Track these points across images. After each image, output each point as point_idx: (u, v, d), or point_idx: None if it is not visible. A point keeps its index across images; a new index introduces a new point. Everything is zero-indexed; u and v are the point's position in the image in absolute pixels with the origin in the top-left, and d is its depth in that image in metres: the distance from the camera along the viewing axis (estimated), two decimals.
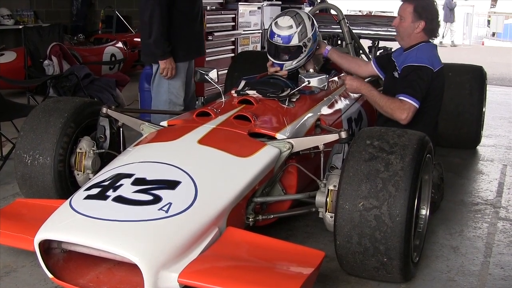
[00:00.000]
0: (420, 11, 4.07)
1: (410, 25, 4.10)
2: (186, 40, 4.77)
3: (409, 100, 3.81)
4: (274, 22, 4.13)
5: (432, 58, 3.99)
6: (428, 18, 4.07)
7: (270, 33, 4.12)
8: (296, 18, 4.10)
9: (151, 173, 2.87)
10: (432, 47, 4.12)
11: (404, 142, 2.93)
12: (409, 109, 3.79)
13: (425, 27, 4.07)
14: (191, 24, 4.82)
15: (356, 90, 4.08)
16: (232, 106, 3.71)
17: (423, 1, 4.13)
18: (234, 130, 3.37)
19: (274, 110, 3.73)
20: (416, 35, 4.10)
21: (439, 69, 3.99)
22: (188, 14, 4.77)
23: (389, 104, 3.88)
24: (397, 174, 2.80)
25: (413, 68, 3.93)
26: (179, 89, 4.80)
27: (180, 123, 3.59)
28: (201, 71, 3.95)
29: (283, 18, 4.11)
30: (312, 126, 3.78)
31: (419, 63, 3.93)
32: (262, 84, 3.96)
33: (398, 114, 3.81)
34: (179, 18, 4.68)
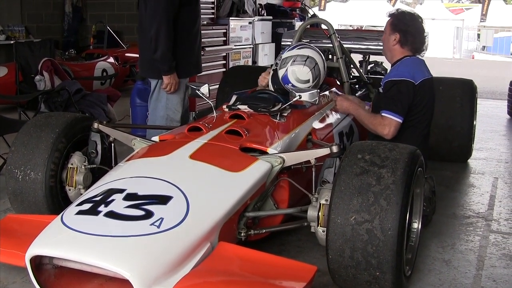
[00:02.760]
0: (395, 23, 4.17)
1: (388, 38, 4.20)
2: (187, 57, 4.80)
3: (389, 115, 3.92)
4: (291, 69, 4.16)
5: (414, 71, 4.03)
6: (402, 30, 4.14)
7: (283, 78, 4.17)
8: (315, 71, 4.19)
9: (143, 188, 2.87)
10: (416, 60, 4.16)
11: (395, 155, 2.94)
12: (389, 124, 3.90)
13: (400, 39, 4.13)
14: (192, 41, 4.85)
15: (345, 110, 4.27)
16: (224, 121, 3.71)
17: (401, 14, 4.21)
18: (225, 145, 3.38)
19: (266, 125, 3.74)
20: (394, 49, 4.18)
21: (422, 82, 4.02)
22: (190, 31, 4.80)
23: (371, 120, 4.03)
24: (388, 188, 2.80)
25: (393, 83, 4.00)
26: (177, 105, 4.82)
27: (171, 138, 3.59)
28: (193, 86, 3.96)
29: (302, 68, 4.16)
30: (304, 140, 3.79)
31: (399, 77, 4.00)
32: (253, 99, 3.97)
33: (380, 130, 3.95)
34: (181, 34, 4.71)
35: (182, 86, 4.80)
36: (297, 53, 4.20)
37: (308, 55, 4.19)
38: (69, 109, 6.51)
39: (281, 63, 4.21)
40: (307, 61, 4.16)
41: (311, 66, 4.17)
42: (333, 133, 4.25)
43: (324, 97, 4.50)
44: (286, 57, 4.21)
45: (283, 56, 4.23)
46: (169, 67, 4.64)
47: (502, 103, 9.47)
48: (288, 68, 4.16)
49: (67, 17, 11.57)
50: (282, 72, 4.17)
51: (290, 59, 4.18)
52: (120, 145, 3.84)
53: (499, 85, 12.21)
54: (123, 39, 10.92)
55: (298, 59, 4.17)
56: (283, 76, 4.16)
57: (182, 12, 4.68)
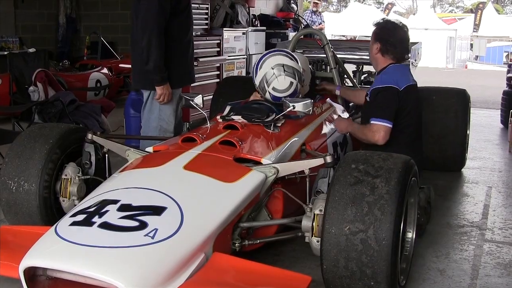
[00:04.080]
0: (377, 32, 4.32)
1: (372, 48, 4.34)
2: (180, 67, 4.80)
3: (377, 122, 4.03)
4: (271, 89, 4.11)
5: (397, 78, 4.15)
6: (383, 39, 4.26)
7: (272, 97, 4.13)
8: (290, 70, 4.13)
9: (137, 199, 2.87)
10: (399, 68, 4.29)
11: (389, 165, 2.95)
12: (379, 130, 4.00)
13: (381, 48, 4.26)
14: (184, 51, 4.86)
15: (345, 130, 4.42)
16: (218, 132, 3.72)
17: (384, 23, 4.36)
18: (219, 156, 3.38)
19: (260, 135, 3.75)
20: (377, 57, 4.32)
21: (407, 87, 4.14)
22: (182, 41, 4.81)
23: (362, 130, 4.16)
24: (382, 198, 2.81)
25: (378, 91, 4.12)
26: (170, 115, 4.81)
27: (165, 148, 3.59)
28: (186, 96, 3.96)
29: (278, 80, 4.09)
30: (298, 151, 3.80)
31: (383, 84, 4.11)
32: (247, 109, 3.98)
33: (370, 137, 4.05)
34: (174, 44, 4.71)
35: (175, 97, 4.80)
36: (263, 72, 4.13)
37: (271, 66, 4.13)
38: (63, 120, 6.51)
39: (261, 90, 4.16)
40: (275, 71, 4.11)
41: (281, 72, 4.11)
42: (327, 143, 4.26)
43: (318, 107, 4.52)
44: (259, 83, 4.15)
45: (256, 82, 4.18)
46: (161, 77, 4.64)
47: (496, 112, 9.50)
48: (269, 90, 4.13)
49: (61, 28, 11.57)
50: (268, 96, 4.16)
51: (263, 83, 4.12)
52: (114, 156, 3.83)
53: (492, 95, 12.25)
54: (117, 50, 10.93)
55: (268, 76, 4.11)
56: (272, 98, 4.14)
57: (173, 23, 4.68)
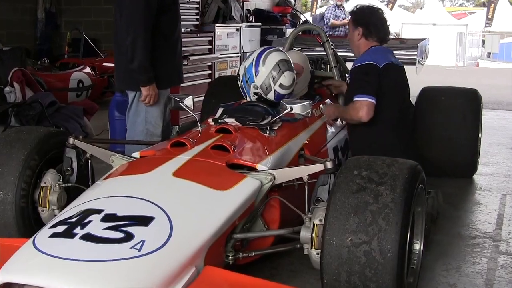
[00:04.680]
0: (356, 18, 4.60)
1: (352, 35, 4.61)
2: (167, 66, 4.81)
3: (359, 98, 4.22)
4: (278, 86, 4.13)
5: (377, 57, 4.39)
6: (364, 24, 4.54)
7: (276, 96, 4.14)
8: (291, 66, 4.22)
9: (122, 208, 2.87)
10: (379, 49, 4.55)
11: (394, 171, 2.96)
12: (361, 105, 4.19)
13: (363, 32, 4.53)
14: (172, 49, 4.87)
15: (333, 115, 4.56)
16: (209, 136, 3.73)
17: (359, 9, 4.65)
18: (211, 161, 3.39)
19: (255, 139, 3.77)
20: (360, 43, 4.57)
21: (386, 65, 4.37)
22: (169, 38, 4.82)
23: (346, 110, 4.36)
24: (387, 207, 2.82)
25: (357, 69, 4.37)
26: (157, 118, 4.82)
27: (153, 154, 3.60)
28: (176, 98, 3.97)
29: (285, 75, 4.13)
30: (296, 156, 3.81)
31: (361, 62, 4.36)
32: (241, 112, 3.99)
33: (354, 115, 4.24)
34: (160, 42, 4.72)
35: (162, 98, 4.81)
36: (268, 69, 4.14)
37: (276, 62, 4.17)
38: (42, 123, 6.50)
39: (263, 90, 4.16)
40: (281, 67, 4.15)
41: (287, 68, 4.17)
42: (327, 148, 4.27)
43: (317, 109, 4.53)
44: (262, 82, 4.15)
45: (257, 84, 4.16)
46: (147, 77, 4.64)
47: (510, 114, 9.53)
48: (274, 88, 4.14)
49: (40, 24, 11.56)
50: (271, 96, 4.15)
51: (269, 80, 4.14)
52: (97, 162, 3.84)
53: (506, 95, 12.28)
54: (101, 47, 10.94)
55: (275, 73, 4.13)
56: (276, 96, 4.15)
57: (160, 19, 4.69)
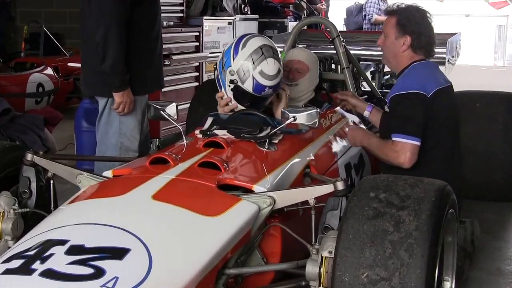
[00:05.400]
0: (404, 23, 4.29)
1: (394, 43, 4.33)
2: (145, 67, 4.83)
3: (400, 139, 4.04)
4: (257, 72, 4.14)
5: (424, 80, 4.17)
6: (415, 32, 4.28)
7: (255, 88, 4.16)
8: (278, 56, 4.23)
9: (92, 238, 2.87)
10: (426, 66, 4.32)
11: (418, 193, 2.96)
12: (402, 149, 4.01)
13: (412, 43, 4.27)
14: (151, 47, 4.89)
15: (359, 143, 4.41)
16: (196, 151, 3.74)
17: (408, 11, 4.36)
18: (199, 182, 3.39)
19: (251, 155, 3.78)
20: (403, 55, 4.32)
21: (437, 92, 4.16)
22: (148, 34, 4.84)
23: (382, 148, 4.17)
24: (410, 236, 2.81)
25: (399, 98, 4.14)
26: (134, 130, 4.83)
27: (128, 173, 3.60)
28: (155, 105, 3.98)
29: (268, 62, 4.14)
30: (300, 175, 3.82)
31: (406, 90, 4.12)
32: (234, 122, 4.00)
33: (393, 158, 4.07)
34: (136, 38, 4.74)
35: (139, 106, 4.82)
36: (248, 52, 4.16)
37: (259, 45, 4.19)
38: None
39: (240, 76, 4.18)
40: (265, 52, 4.17)
41: (272, 55, 4.18)
42: (338, 165, 4.28)
43: (326, 118, 4.55)
44: (239, 68, 4.16)
45: (233, 68, 4.18)
46: (121, 81, 4.65)
47: None
48: (254, 74, 4.14)
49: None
50: (249, 84, 4.16)
51: (247, 64, 4.15)
52: (61, 182, 3.84)
53: None
54: (65, 44, 10.97)
55: (256, 56, 4.15)
56: (254, 87, 4.16)
57: (136, 11, 4.71)
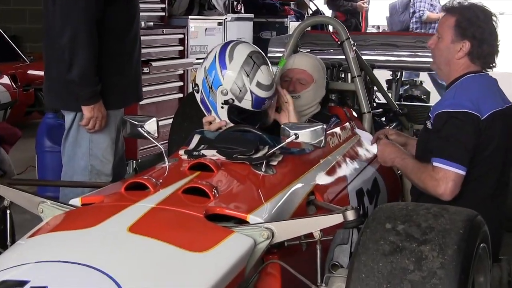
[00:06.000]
0: (465, 25, 4.16)
1: (449, 47, 4.21)
2: (121, 76, 4.82)
3: (443, 165, 3.94)
4: (254, 85, 4.17)
5: (480, 98, 4.06)
6: (476, 38, 4.14)
7: (255, 104, 4.20)
8: (265, 58, 4.29)
9: (56, 279, 2.86)
10: (483, 80, 4.21)
11: (443, 225, 2.96)
12: (444, 178, 3.92)
13: (471, 51, 4.15)
14: (127, 52, 4.91)
15: (390, 162, 4.37)
16: (181, 175, 3.74)
17: (472, 12, 4.21)
18: (183, 211, 3.39)
19: (245, 180, 3.78)
20: (458, 63, 4.20)
21: (493, 114, 4.06)
22: (123, 37, 4.85)
23: (419, 174, 4.08)
24: (435, 275, 2.82)
25: (447, 117, 4.04)
26: (106, 150, 4.82)
27: (100, 201, 3.59)
28: (133, 121, 3.98)
29: (262, 70, 4.20)
30: (303, 202, 3.81)
31: (456, 107, 4.03)
32: (225, 140, 4.00)
33: (432, 187, 3.98)
34: (110, 42, 4.75)
35: (112, 122, 4.81)
36: (239, 64, 4.20)
37: (247, 53, 4.23)
38: None
39: (235, 94, 4.19)
40: (255, 60, 4.21)
41: (263, 61, 4.24)
42: (348, 192, 4.28)
43: (333, 136, 4.55)
44: (232, 85, 4.18)
45: (225, 87, 4.19)
46: (91, 92, 4.64)
47: None
48: (251, 89, 4.18)
49: None
50: (248, 101, 4.20)
51: (241, 79, 4.17)
52: (20, 211, 3.83)
53: None
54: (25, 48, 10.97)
55: (248, 67, 4.19)
56: (254, 102, 4.17)
57: (110, 9, 4.71)
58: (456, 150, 3.96)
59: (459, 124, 4.00)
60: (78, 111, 4.74)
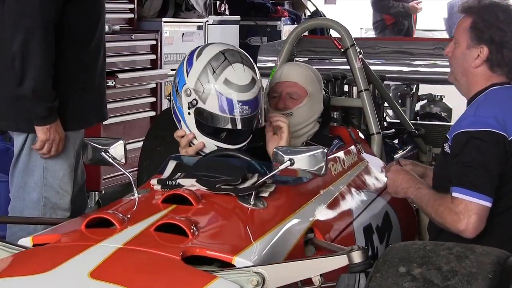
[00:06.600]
0: (481, 27, 4.18)
1: (465, 54, 4.24)
2: (81, 91, 4.81)
3: (465, 196, 3.94)
4: (222, 80, 4.14)
5: (505, 115, 4.07)
6: (495, 42, 4.17)
7: (221, 102, 4.14)
8: (249, 62, 4.27)
9: None
10: (510, 92, 4.22)
11: (469, 268, 2.97)
12: (466, 211, 3.91)
13: (489, 57, 4.17)
14: (89, 63, 4.90)
15: (402, 193, 4.34)
16: (153, 209, 3.73)
17: (491, 11, 4.23)
18: (156, 252, 3.38)
19: (230, 215, 3.78)
20: (475, 73, 4.23)
21: None
22: (85, 45, 4.86)
23: (436, 206, 4.07)
24: None
25: (468, 138, 4.04)
26: (64, 180, 4.82)
27: (56, 240, 3.59)
28: (95, 144, 3.98)
29: (234, 67, 4.17)
30: (300, 242, 3.81)
31: (478, 126, 4.04)
32: (207, 167, 4.01)
33: (451, 223, 3.97)
34: (69, 51, 4.76)
35: (71, 145, 4.81)
36: (205, 60, 4.23)
37: (219, 50, 4.26)
38: None
39: (198, 93, 4.17)
40: (228, 57, 4.20)
41: (239, 60, 4.22)
42: (354, 228, 4.29)
43: (336, 161, 4.56)
44: (197, 80, 4.18)
45: (189, 85, 4.22)
46: (46, 109, 4.63)
47: None
48: (216, 86, 4.15)
49: None
50: (213, 102, 4.15)
51: (207, 73, 4.16)
52: None
53: None
54: None
55: (216, 63, 4.17)
56: (220, 103, 4.13)
57: (69, 10, 4.71)
58: (478, 177, 3.95)
59: (482, 146, 4.00)
60: (30, 133, 4.72)
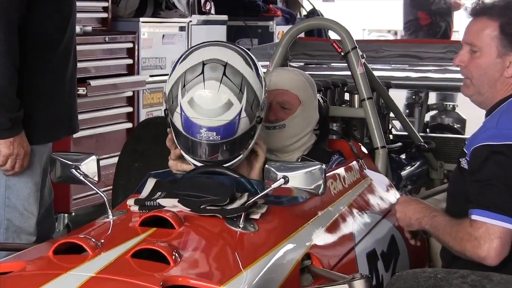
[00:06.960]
0: (502, 23, 4.15)
1: (495, 63, 4.18)
2: (49, 100, 4.81)
3: (485, 219, 3.91)
4: (187, 99, 4.01)
5: None
6: None
7: (184, 122, 4.04)
8: (234, 78, 4.06)
9: None
10: None
11: None
12: (487, 236, 3.88)
13: None
14: (58, 68, 4.89)
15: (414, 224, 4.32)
16: (130, 232, 3.73)
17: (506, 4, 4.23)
18: (133, 282, 3.38)
19: (217, 239, 3.78)
20: (506, 83, 4.20)
21: None
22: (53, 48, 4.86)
23: (453, 233, 4.03)
24: None
25: (489, 152, 4.02)
26: (29, 200, 4.83)
27: (20, 268, 3.58)
28: (64, 160, 3.97)
29: (205, 85, 4.01)
30: (295, 270, 3.81)
31: (501, 139, 4.03)
32: (191, 186, 4.00)
33: (471, 249, 3.93)
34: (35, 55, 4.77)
35: (37, 161, 4.81)
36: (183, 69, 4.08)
37: (202, 60, 4.07)
38: None
39: (169, 103, 4.08)
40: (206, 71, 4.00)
41: (217, 74, 4.02)
42: (356, 254, 4.28)
43: (336, 179, 4.56)
44: (170, 89, 4.07)
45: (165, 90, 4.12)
46: (10, 120, 4.64)
47: None
48: (182, 103, 4.03)
49: None
50: (178, 119, 4.05)
51: (176, 88, 4.04)
52: None
53: None
54: None
55: (189, 76, 4.02)
56: (183, 123, 4.03)
57: (35, 9, 4.72)
58: (500, 196, 3.93)
59: (504, 162, 3.97)
60: None
